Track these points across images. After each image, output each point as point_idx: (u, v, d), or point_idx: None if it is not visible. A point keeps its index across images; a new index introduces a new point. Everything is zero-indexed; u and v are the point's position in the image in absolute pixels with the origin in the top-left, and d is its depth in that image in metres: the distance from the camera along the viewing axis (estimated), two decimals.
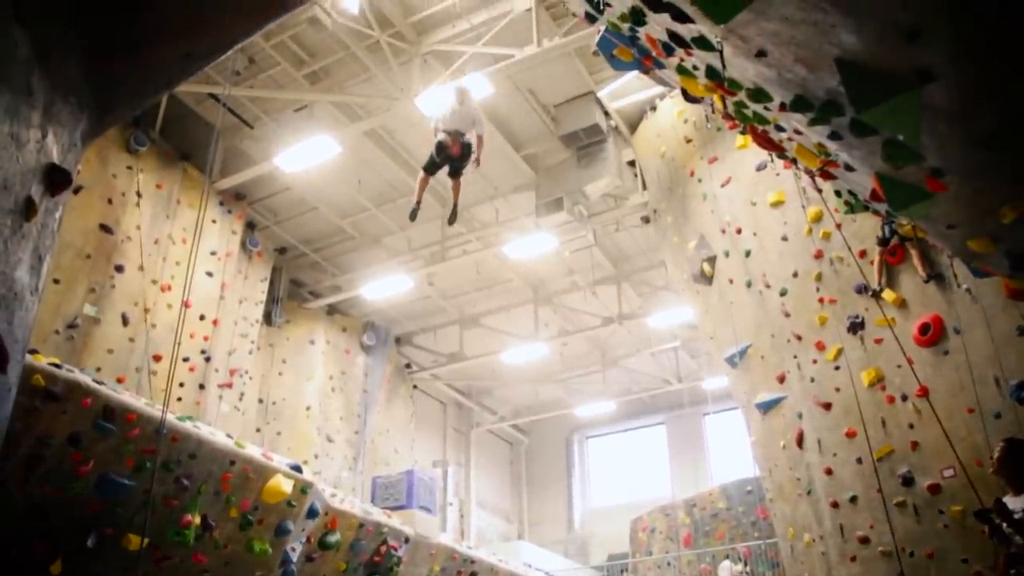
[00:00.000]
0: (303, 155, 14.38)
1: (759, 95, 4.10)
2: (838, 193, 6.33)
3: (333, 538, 12.87)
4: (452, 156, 9.67)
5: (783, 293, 10.48)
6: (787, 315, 10.43)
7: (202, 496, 10.19)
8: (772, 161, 9.45)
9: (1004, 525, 5.21)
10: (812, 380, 9.99)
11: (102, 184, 13.51)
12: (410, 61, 13.90)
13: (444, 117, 9.80)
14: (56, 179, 3.58)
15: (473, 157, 9.81)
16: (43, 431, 8.38)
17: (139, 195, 13.95)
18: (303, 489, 11.67)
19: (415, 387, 23.95)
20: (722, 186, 11.57)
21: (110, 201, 13.60)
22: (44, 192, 3.52)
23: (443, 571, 15.82)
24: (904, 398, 8.83)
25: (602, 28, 5.98)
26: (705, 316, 12.76)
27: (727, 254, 11.52)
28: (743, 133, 8.51)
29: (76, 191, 11.71)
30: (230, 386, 15.56)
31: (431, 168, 9.95)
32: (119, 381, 11.80)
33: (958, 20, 2.81)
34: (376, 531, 13.81)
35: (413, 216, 10.24)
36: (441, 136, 9.62)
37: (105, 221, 13.41)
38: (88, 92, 3.90)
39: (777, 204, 10.65)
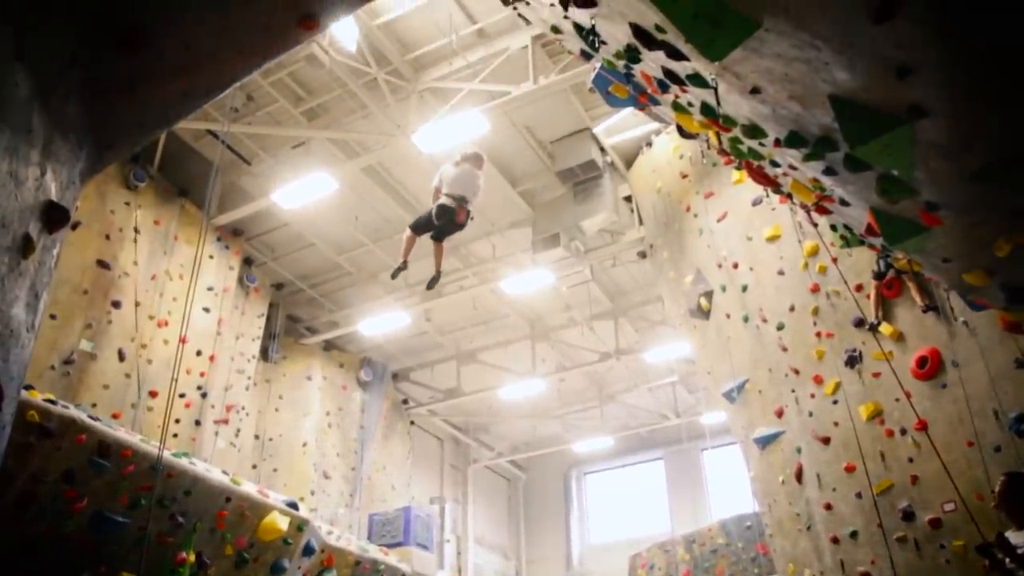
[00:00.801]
0: (300, 191, 14.41)
1: (754, 131, 4.13)
2: (834, 227, 6.37)
3: None
4: (454, 223, 9.27)
5: (780, 327, 10.48)
6: (784, 349, 10.42)
7: (197, 533, 10.11)
8: (768, 196, 9.52)
9: (1006, 560, 5.17)
10: (810, 414, 9.96)
11: (100, 220, 13.53)
12: (407, 98, 13.99)
13: (452, 180, 9.31)
14: (54, 216, 3.59)
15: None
16: (37, 468, 8.33)
17: (137, 231, 13.98)
18: (299, 526, 11.58)
19: (412, 423, 23.83)
20: (718, 221, 11.61)
21: (108, 237, 13.61)
22: (42, 229, 3.53)
23: None
24: (903, 432, 8.81)
25: (598, 65, 6.04)
26: (702, 351, 12.74)
27: (724, 289, 11.53)
28: (739, 168, 8.56)
29: (74, 227, 11.72)
30: (226, 422, 15.48)
31: (421, 228, 9.55)
32: (114, 417, 11.74)
33: (948, 57, 2.84)
34: (373, 568, 13.70)
35: (395, 275, 9.75)
36: (446, 200, 9.19)
37: (103, 257, 13.40)
38: (87, 130, 3.93)
39: (773, 239, 10.68)
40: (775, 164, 4.79)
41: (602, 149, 14.94)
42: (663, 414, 24.39)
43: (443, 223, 9.32)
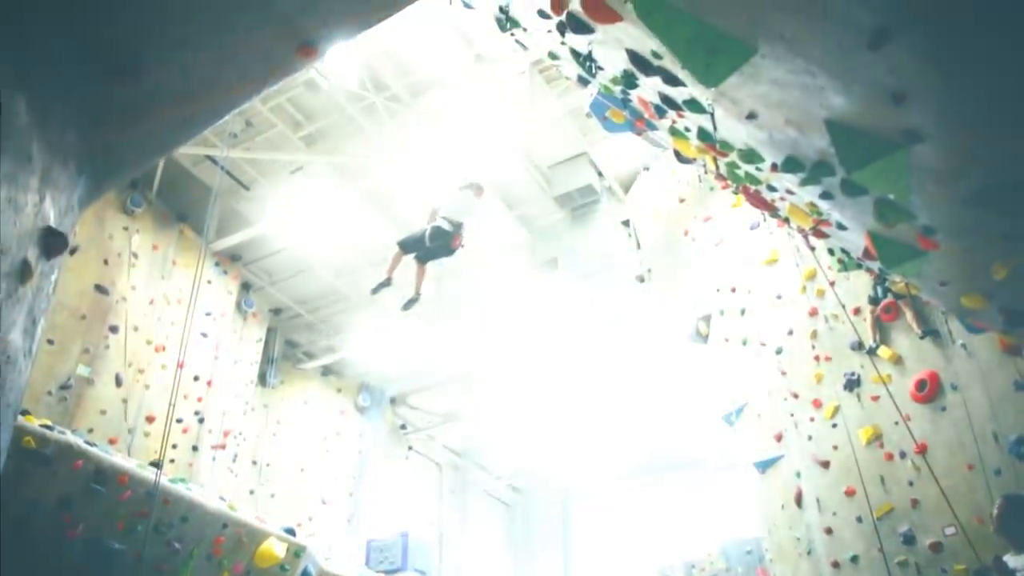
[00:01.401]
0: (299, 216, 14.41)
1: (750, 156, 4.15)
2: (831, 251, 6.39)
3: None
4: (446, 247, 9.20)
5: (779, 351, 10.48)
6: (783, 373, 10.41)
7: (194, 560, 10.03)
8: (765, 220, 9.56)
9: None
10: (810, 438, 9.93)
11: (98, 245, 13.52)
12: (405, 123, 14.04)
13: (450, 204, 9.28)
14: (52, 242, 3.59)
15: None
16: (34, 494, 8.28)
17: (134, 256, 13.98)
18: (297, 552, 11.50)
19: (410, 448, 23.74)
20: (716, 245, 11.64)
21: (106, 262, 13.61)
22: (40, 255, 3.52)
23: None
24: (903, 455, 8.79)
25: (595, 91, 6.07)
26: (701, 375, 12.73)
27: (722, 313, 11.53)
28: (736, 193, 8.59)
29: (72, 252, 11.72)
30: (224, 448, 15.41)
31: (409, 247, 9.47)
32: (111, 443, 11.69)
33: (943, 83, 2.86)
34: None
35: (376, 290, 9.63)
36: (442, 223, 9.14)
37: (100, 282, 13.39)
38: (86, 157, 3.93)
39: (771, 263, 10.71)
40: (772, 188, 4.80)
41: (599, 173, 14.98)
42: (663, 439, 24.30)
43: (435, 246, 9.26)
